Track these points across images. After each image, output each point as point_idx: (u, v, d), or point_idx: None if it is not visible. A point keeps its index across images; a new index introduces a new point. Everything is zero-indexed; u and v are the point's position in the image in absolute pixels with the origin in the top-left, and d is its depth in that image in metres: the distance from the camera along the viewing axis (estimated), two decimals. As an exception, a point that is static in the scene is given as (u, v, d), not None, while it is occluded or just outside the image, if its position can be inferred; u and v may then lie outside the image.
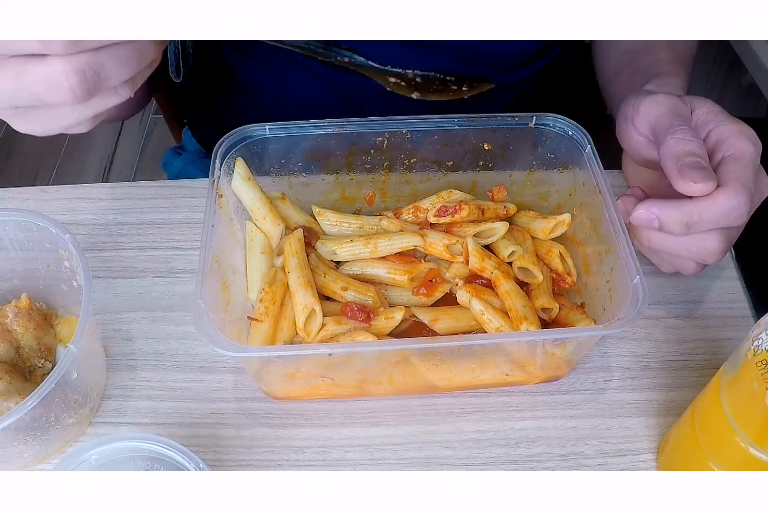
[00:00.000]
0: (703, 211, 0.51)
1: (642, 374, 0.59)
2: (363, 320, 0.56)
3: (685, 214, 0.51)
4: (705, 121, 0.56)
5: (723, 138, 0.55)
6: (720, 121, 0.56)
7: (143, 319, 0.63)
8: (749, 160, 0.53)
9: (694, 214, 0.51)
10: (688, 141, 0.53)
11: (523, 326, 0.55)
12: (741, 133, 0.54)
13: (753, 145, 0.54)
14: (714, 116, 0.56)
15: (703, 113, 0.56)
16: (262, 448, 0.56)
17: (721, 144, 0.55)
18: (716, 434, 0.45)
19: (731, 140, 0.54)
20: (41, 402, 0.47)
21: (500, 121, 0.62)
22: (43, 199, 0.72)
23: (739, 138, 0.54)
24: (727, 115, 0.56)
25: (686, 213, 0.51)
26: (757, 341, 0.41)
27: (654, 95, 0.58)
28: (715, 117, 0.56)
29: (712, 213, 0.51)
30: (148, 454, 0.46)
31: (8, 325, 0.57)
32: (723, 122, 0.55)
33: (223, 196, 0.59)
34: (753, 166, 0.53)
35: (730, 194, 0.51)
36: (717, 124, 0.55)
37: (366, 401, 0.58)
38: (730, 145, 0.54)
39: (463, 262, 0.60)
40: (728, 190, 0.51)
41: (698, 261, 0.56)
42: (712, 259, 0.55)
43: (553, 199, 0.66)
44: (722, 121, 0.55)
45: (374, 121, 0.61)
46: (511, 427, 0.56)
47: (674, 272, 0.61)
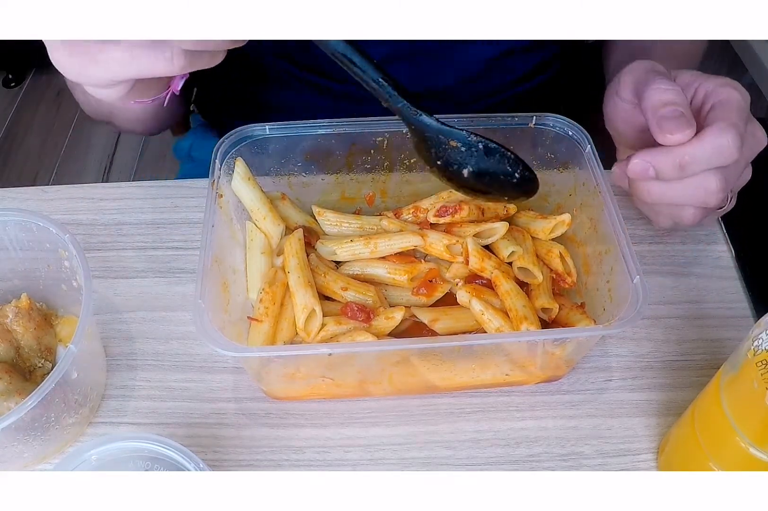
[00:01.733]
0: (693, 150, 0.52)
1: (642, 374, 0.59)
2: (363, 320, 0.56)
3: (676, 156, 0.52)
4: (690, 81, 0.57)
5: (710, 90, 0.56)
6: (704, 78, 0.57)
7: (143, 319, 0.63)
8: (735, 104, 0.54)
9: (686, 154, 0.52)
10: (664, 90, 0.53)
11: (523, 326, 0.55)
12: (726, 83, 0.56)
13: (738, 92, 0.55)
14: (697, 76, 0.58)
15: (687, 76, 0.58)
16: (262, 448, 0.56)
17: (708, 95, 0.56)
18: (716, 434, 0.45)
19: (717, 90, 0.56)
20: (41, 402, 0.47)
21: (500, 121, 0.62)
22: (43, 199, 0.72)
23: (724, 87, 0.56)
24: (710, 75, 0.58)
25: (677, 155, 0.52)
26: (757, 341, 0.41)
27: (630, 65, 0.59)
28: (699, 76, 0.58)
29: (703, 151, 0.52)
30: (148, 454, 0.46)
31: (8, 325, 0.57)
32: (707, 79, 0.57)
33: (223, 196, 0.59)
34: (739, 109, 0.54)
35: (716, 132, 0.52)
36: (702, 81, 0.57)
37: (366, 401, 0.58)
38: (717, 93, 0.55)
39: (463, 262, 0.60)
40: (714, 128, 0.52)
41: (698, 205, 0.56)
42: (712, 199, 0.55)
43: (553, 199, 0.66)
44: (707, 78, 0.57)
45: (374, 121, 0.61)
46: (511, 427, 0.56)
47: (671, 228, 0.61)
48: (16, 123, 2.10)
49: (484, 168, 0.53)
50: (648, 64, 0.58)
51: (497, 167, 0.53)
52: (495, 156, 0.52)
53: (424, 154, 0.53)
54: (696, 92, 0.57)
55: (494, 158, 0.52)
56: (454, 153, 0.52)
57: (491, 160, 0.52)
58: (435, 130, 0.51)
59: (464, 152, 0.52)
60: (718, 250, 0.67)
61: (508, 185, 0.54)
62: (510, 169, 0.53)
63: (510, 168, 0.53)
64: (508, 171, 0.53)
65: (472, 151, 0.52)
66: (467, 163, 0.52)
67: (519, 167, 0.53)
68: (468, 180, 0.53)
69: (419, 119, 0.51)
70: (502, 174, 0.53)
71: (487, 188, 0.54)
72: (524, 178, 0.53)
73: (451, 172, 0.53)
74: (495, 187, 0.54)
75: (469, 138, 0.52)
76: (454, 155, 0.52)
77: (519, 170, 0.53)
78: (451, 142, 0.52)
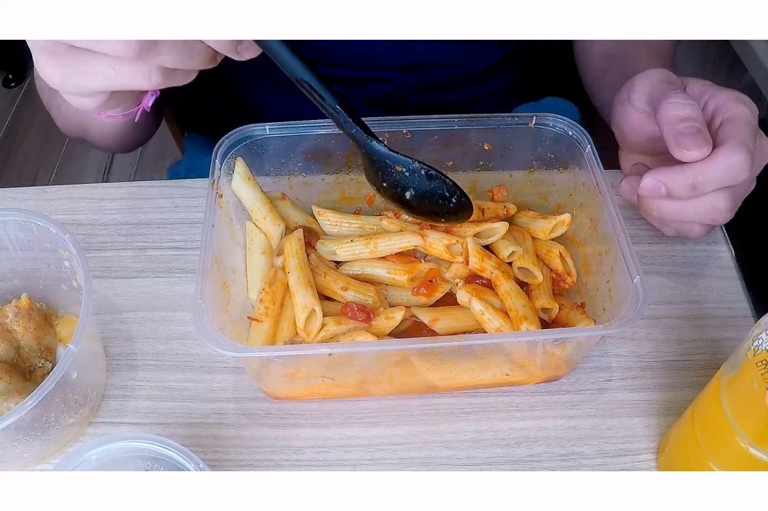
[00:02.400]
0: (706, 170, 0.53)
1: (642, 374, 0.59)
2: (363, 320, 0.56)
3: (689, 176, 0.53)
4: (700, 92, 0.58)
5: (720, 104, 0.57)
6: (715, 90, 0.58)
7: (143, 319, 0.63)
8: (744, 120, 0.55)
9: (698, 174, 0.53)
10: (682, 105, 0.54)
11: (523, 326, 0.55)
12: (736, 98, 0.57)
13: (747, 107, 0.56)
14: (708, 87, 0.58)
15: (697, 86, 0.58)
16: (262, 448, 0.56)
17: (718, 110, 0.56)
18: (716, 434, 0.45)
19: (728, 105, 0.56)
20: (41, 402, 0.47)
21: (500, 121, 0.62)
22: (43, 199, 0.72)
23: (735, 103, 0.56)
24: (720, 86, 0.59)
25: (690, 175, 0.53)
26: (757, 341, 0.41)
27: (645, 72, 0.59)
28: (710, 88, 0.58)
29: (715, 171, 0.53)
30: (148, 454, 0.46)
31: (8, 325, 0.57)
32: (718, 91, 0.57)
33: (223, 196, 0.59)
34: (749, 125, 0.55)
35: (728, 152, 0.53)
36: (713, 93, 0.57)
37: (366, 401, 0.58)
38: (727, 108, 0.56)
39: (463, 262, 0.60)
40: (726, 148, 0.53)
41: (707, 223, 0.58)
42: (721, 218, 0.56)
43: (553, 199, 0.66)
44: (717, 90, 0.58)
45: (374, 121, 0.61)
46: (511, 427, 0.56)
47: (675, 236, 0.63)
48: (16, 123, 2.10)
49: (425, 191, 0.56)
50: (663, 74, 0.59)
51: (436, 192, 0.56)
52: (435, 181, 0.56)
53: (372, 175, 0.57)
54: (706, 104, 0.57)
55: (434, 183, 0.56)
56: (399, 177, 0.56)
57: (431, 185, 0.56)
58: (383, 156, 0.55)
59: (408, 177, 0.56)
60: (718, 251, 0.67)
61: (445, 209, 0.57)
62: (447, 194, 0.56)
63: (447, 193, 0.56)
64: (445, 196, 0.56)
65: (414, 175, 0.56)
66: (410, 186, 0.56)
67: (456, 193, 0.56)
68: (410, 201, 0.57)
69: (370, 145, 0.54)
70: (440, 198, 0.56)
71: (427, 210, 0.57)
72: (459, 203, 0.57)
73: (395, 194, 0.57)
74: (433, 210, 0.57)
75: (413, 164, 0.55)
76: (398, 179, 0.56)
77: (456, 196, 0.56)
78: (397, 167, 0.55)
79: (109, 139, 0.74)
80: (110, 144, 0.76)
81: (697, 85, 0.58)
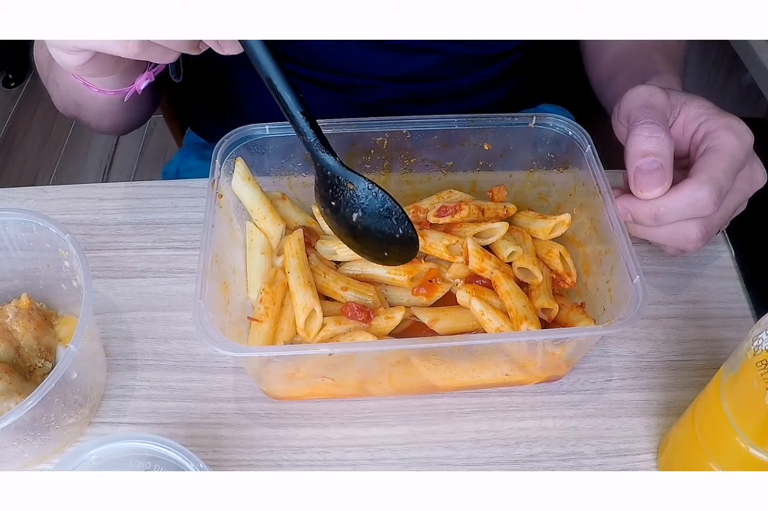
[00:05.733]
0: (669, 202, 0.54)
1: (642, 374, 0.59)
2: (363, 320, 0.56)
3: (652, 207, 0.54)
4: (696, 115, 0.57)
5: (710, 130, 0.56)
6: (711, 114, 0.57)
7: (143, 319, 0.63)
8: (728, 153, 0.54)
9: (661, 206, 0.54)
10: (646, 138, 0.54)
11: (523, 326, 0.55)
12: (728, 126, 0.55)
13: (737, 138, 0.55)
14: (705, 110, 0.57)
15: (694, 107, 0.57)
16: (262, 448, 0.56)
17: (707, 136, 0.56)
18: (716, 434, 0.45)
19: (716, 133, 0.55)
20: (41, 402, 0.47)
21: (500, 121, 0.62)
22: (43, 199, 0.72)
23: (725, 131, 0.55)
24: (719, 110, 0.58)
25: (653, 206, 0.54)
26: (757, 341, 0.41)
27: (635, 88, 0.59)
28: (707, 111, 0.57)
29: (677, 204, 0.53)
30: (148, 454, 0.46)
31: (8, 325, 0.57)
32: (713, 116, 0.57)
33: (223, 196, 0.59)
34: (730, 158, 0.54)
35: (694, 186, 0.53)
36: (708, 117, 0.57)
37: (366, 401, 0.58)
38: (714, 137, 0.55)
39: (463, 262, 0.60)
40: (693, 182, 0.53)
41: (679, 248, 0.58)
42: (691, 247, 0.56)
43: (553, 199, 0.66)
44: (713, 115, 0.57)
45: (374, 121, 0.61)
46: (511, 427, 0.56)
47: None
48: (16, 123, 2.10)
49: (372, 215, 0.53)
50: (650, 92, 0.57)
51: (384, 217, 0.53)
52: (385, 206, 0.53)
53: (322, 192, 0.55)
54: (698, 128, 0.57)
55: (384, 208, 0.53)
56: (349, 195, 0.53)
57: (381, 210, 0.53)
58: (337, 171, 0.53)
59: (358, 197, 0.53)
60: (718, 251, 0.67)
61: (391, 238, 0.54)
62: (395, 223, 0.53)
63: (396, 222, 0.53)
64: (393, 224, 0.53)
65: (366, 197, 0.53)
66: (359, 207, 0.53)
67: (405, 223, 0.53)
68: (355, 224, 0.54)
69: (325, 158, 0.52)
70: (387, 226, 0.53)
71: (372, 237, 0.54)
72: (406, 235, 0.54)
73: (342, 214, 0.54)
74: (378, 237, 0.54)
75: (366, 185, 0.53)
76: (348, 198, 0.53)
77: (404, 226, 0.53)
78: (349, 185, 0.53)
79: (104, 118, 0.74)
80: (105, 123, 0.76)
81: (694, 106, 0.57)
